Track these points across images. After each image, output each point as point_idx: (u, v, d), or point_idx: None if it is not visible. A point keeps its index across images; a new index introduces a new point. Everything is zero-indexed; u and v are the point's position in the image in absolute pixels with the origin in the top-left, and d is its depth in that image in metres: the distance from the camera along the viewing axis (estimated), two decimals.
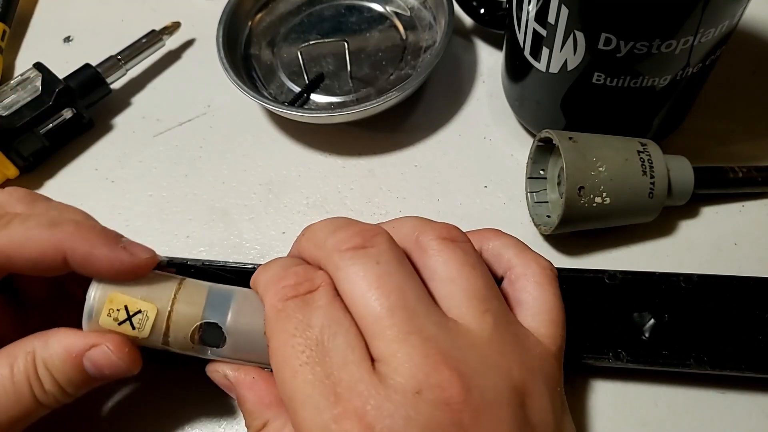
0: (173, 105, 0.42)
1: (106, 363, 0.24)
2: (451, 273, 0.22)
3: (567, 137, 0.31)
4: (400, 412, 0.19)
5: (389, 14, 0.43)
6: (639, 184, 0.30)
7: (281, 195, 0.37)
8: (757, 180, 0.33)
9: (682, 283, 0.29)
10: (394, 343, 0.20)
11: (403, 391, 0.19)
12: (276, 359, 0.21)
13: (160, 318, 0.24)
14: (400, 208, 0.36)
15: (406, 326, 0.20)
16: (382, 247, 0.22)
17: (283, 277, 0.22)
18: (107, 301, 0.24)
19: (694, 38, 0.27)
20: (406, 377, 0.19)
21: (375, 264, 0.21)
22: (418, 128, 0.39)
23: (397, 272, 0.21)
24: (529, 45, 0.32)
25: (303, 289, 0.21)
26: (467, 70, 0.42)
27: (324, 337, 0.20)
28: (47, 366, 0.23)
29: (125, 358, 0.24)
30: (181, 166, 0.39)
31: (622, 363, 0.28)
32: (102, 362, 0.24)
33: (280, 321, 0.21)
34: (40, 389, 0.23)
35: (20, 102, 0.37)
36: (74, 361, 0.23)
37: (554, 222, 0.31)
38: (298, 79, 0.40)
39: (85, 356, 0.24)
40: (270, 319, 0.22)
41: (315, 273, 0.22)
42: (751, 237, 0.33)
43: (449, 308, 0.22)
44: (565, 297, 0.25)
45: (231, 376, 0.25)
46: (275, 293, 0.22)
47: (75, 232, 0.23)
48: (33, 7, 0.49)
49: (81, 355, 0.24)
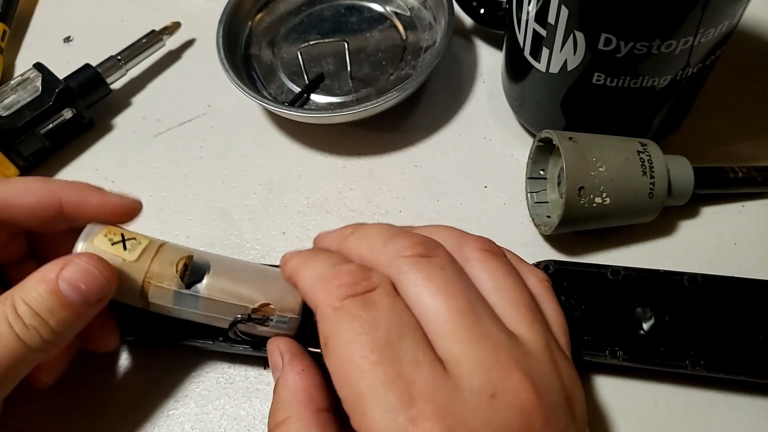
0: (173, 105, 0.42)
1: (81, 278, 0.23)
2: (497, 283, 0.23)
3: (567, 137, 0.31)
4: (478, 414, 0.19)
5: (389, 14, 0.43)
6: (639, 184, 0.30)
7: (281, 195, 0.37)
8: (757, 180, 0.33)
9: (686, 282, 0.29)
10: (465, 344, 0.20)
11: (479, 394, 0.19)
12: (338, 358, 0.20)
13: (150, 247, 0.26)
14: (400, 208, 0.36)
15: (476, 329, 0.20)
16: (444, 258, 0.22)
17: (335, 275, 0.22)
18: (105, 227, 0.26)
19: (694, 38, 0.27)
20: (480, 380, 0.20)
21: (440, 270, 0.22)
22: (418, 128, 0.39)
23: (461, 280, 0.22)
24: (529, 45, 0.32)
25: (361, 288, 0.21)
26: (467, 70, 0.42)
27: (392, 337, 0.20)
28: (24, 300, 0.23)
29: (102, 269, 0.24)
30: (182, 166, 0.39)
31: (618, 361, 0.28)
32: (77, 278, 0.23)
33: (341, 320, 0.21)
34: (21, 326, 0.22)
35: (20, 102, 0.37)
36: (49, 285, 0.23)
37: (554, 222, 0.31)
38: (298, 79, 0.40)
39: (60, 277, 0.23)
40: (327, 317, 0.21)
41: (370, 272, 0.22)
42: (751, 237, 0.33)
43: (501, 317, 0.22)
44: (567, 291, 0.25)
45: (286, 356, 0.25)
46: (329, 291, 0.21)
47: (67, 184, 0.26)
48: (33, 8, 0.49)
49: (56, 279, 0.23)
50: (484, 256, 0.23)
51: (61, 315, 0.23)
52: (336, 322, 0.21)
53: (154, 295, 0.26)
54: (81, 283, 0.23)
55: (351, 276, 0.22)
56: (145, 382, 0.30)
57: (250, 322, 0.26)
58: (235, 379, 0.31)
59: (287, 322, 0.26)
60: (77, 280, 0.23)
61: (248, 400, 0.30)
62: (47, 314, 0.23)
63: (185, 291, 0.26)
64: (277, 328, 0.27)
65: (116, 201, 0.26)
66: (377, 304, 0.21)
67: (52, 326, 0.23)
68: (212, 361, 0.31)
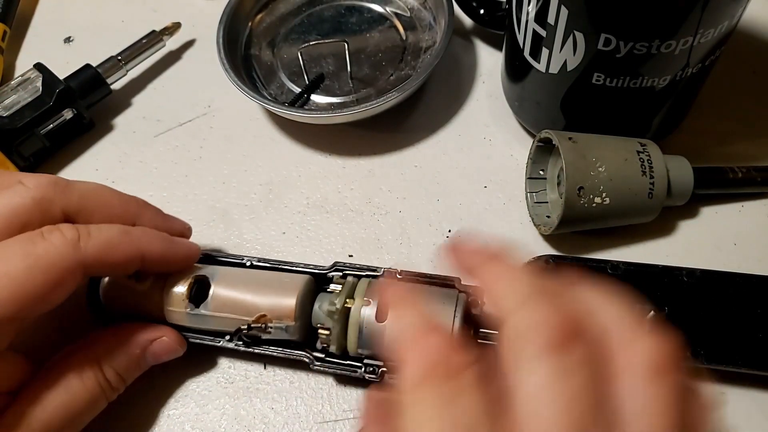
0: (174, 105, 0.42)
1: (164, 352, 0.28)
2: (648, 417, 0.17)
3: (567, 137, 0.31)
4: None
5: (389, 15, 0.43)
6: (639, 184, 0.30)
7: (281, 195, 0.37)
8: (756, 180, 0.33)
9: (685, 277, 0.29)
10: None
11: None
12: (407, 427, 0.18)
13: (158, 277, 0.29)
14: (400, 208, 0.36)
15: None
16: (583, 357, 0.17)
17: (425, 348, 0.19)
18: None
19: (693, 39, 0.27)
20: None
21: (570, 375, 0.17)
22: (418, 128, 0.39)
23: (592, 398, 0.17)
24: (528, 45, 0.32)
25: (452, 370, 0.18)
26: (467, 71, 0.42)
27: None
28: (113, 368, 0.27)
29: (181, 342, 0.29)
30: (182, 166, 0.39)
31: None
32: (161, 352, 0.28)
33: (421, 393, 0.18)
34: (108, 387, 0.27)
35: (21, 102, 0.37)
36: (137, 358, 0.28)
37: (554, 222, 0.31)
38: (298, 79, 0.40)
39: (147, 352, 0.28)
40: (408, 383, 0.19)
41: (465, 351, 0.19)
42: (750, 237, 0.33)
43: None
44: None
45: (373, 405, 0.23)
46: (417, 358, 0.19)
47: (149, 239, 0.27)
48: (33, 8, 0.49)
49: (143, 354, 0.28)
50: (653, 376, 0.18)
51: (137, 374, 0.28)
52: (416, 391, 0.19)
53: (169, 317, 0.29)
54: (164, 357, 0.29)
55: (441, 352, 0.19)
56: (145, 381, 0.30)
57: (251, 331, 0.28)
58: (236, 378, 0.31)
59: (285, 329, 0.28)
60: (161, 356, 0.29)
61: (248, 400, 0.30)
62: (129, 377, 0.28)
63: (194, 312, 0.28)
64: (279, 335, 0.28)
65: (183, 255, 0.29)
66: (462, 392, 0.18)
67: (128, 382, 0.28)
68: (212, 361, 0.31)
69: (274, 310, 0.28)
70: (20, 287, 0.23)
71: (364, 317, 0.27)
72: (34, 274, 0.23)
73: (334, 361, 0.28)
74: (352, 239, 0.35)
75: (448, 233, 0.34)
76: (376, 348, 0.27)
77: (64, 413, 0.25)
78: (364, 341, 0.27)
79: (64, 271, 0.24)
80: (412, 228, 0.35)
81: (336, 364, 0.28)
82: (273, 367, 0.31)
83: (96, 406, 0.27)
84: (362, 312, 0.27)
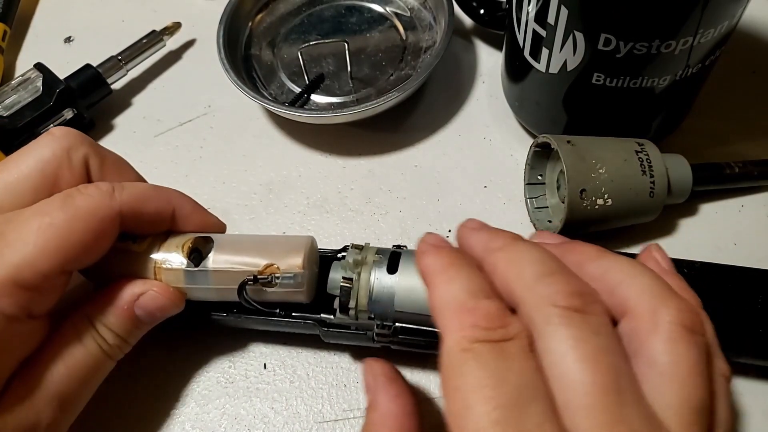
0: (174, 105, 0.42)
1: (155, 306, 0.27)
2: (678, 374, 0.19)
3: (565, 141, 0.31)
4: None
5: (389, 15, 0.43)
6: (639, 183, 0.30)
7: (281, 195, 0.37)
8: (753, 174, 0.33)
9: (684, 269, 0.29)
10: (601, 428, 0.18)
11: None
12: (456, 402, 0.19)
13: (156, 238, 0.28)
14: (400, 208, 0.36)
15: (615, 415, 0.18)
16: (601, 318, 0.20)
17: (472, 310, 0.20)
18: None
19: (693, 39, 0.27)
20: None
21: (593, 335, 0.19)
22: (418, 128, 0.39)
23: (615, 352, 0.19)
24: (528, 45, 0.32)
25: (497, 336, 0.19)
26: (467, 71, 0.42)
27: (520, 399, 0.18)
28: (106, 325, 0.26)
29: (171, 297, 0.27)
30: (182, 166, 0.39)
31: None
32: (151, 306, 0.27)
33: (469, 362, 0.19)
34: (106, 345, 0.26)
35: (21, 102, 0.37)
36: (127, 313, 0.27)
37: (557, 226, 0.31)
38: (298, 79, 0.40)
39: (135, 306, 0.27)
40: (454, 354, 0.19)
41: (511, 319, 0.20)
42: (750, 236, 0.33)
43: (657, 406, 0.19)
44: None
45: (380, 379, 0.24)
46: (461, 327, 0.20)
47: (180, 195, 0.29)
48: (34, 8, 0.49)
49: (133, 309, 0.27)
50: (681, 334, 0.19)
51: (136, 333, 0.27)
52: (463, 362, 0.19)
53: (167, 279, 0.27)
54: (156, 312, 0.27)
55: (488, 320, 0.20)
56: (145, 381, 0.31)
57: (257, 283, 0.27)
58: (236, 378, 0.31)
59: (293, 278, 0.27)
60: (152, 310, 0.27)
61: (248, 400, 0.30)
62: (126, 335, 0.27)
63: (194, 269, 0.27)
64: (286, 286, 0.27)
65: (213, 222, 0.30)
66: (510, 358, 0.19)
67: (129, 342, 0.27)
68: (212, 360, 0.31)
69: (282, 261, 0.27)
70: (65, 238, 0.24)
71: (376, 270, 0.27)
72: (76, 224, 0.24)
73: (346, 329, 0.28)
74: (352, 239, 0.35)
75: (448, 233, 0.34)
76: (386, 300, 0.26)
77: (72, 377, 0.25)
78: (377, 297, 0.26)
79: (103, 220, 0.25)
80: (412, 228, 0.35)
81: (347, 333, 0.28)
82: (273, 366, 0.31)
83: (103, 366, 0.27)
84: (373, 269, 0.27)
